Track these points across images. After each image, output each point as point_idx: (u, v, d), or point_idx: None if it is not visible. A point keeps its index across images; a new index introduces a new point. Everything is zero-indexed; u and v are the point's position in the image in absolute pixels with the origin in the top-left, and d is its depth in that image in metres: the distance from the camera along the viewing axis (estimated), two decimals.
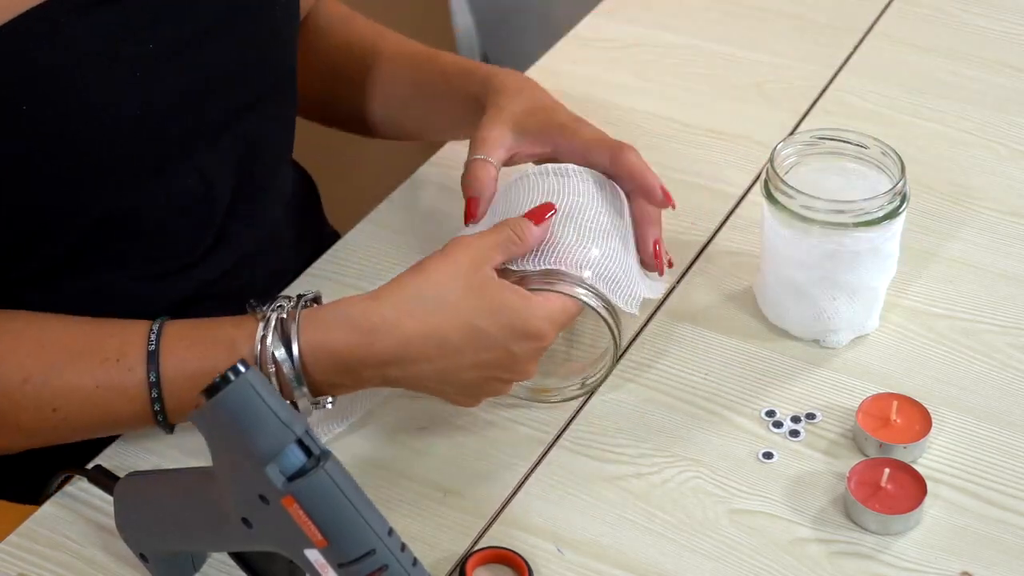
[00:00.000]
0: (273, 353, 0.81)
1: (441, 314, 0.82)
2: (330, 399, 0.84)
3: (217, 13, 0.91)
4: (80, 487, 0.87)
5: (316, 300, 0.86)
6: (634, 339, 0.97)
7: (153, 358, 0.83)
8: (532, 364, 0.85)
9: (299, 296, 0.85)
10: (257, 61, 0.95)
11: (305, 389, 0.82)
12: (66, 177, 0.85)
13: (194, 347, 0.83)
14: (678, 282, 1.02)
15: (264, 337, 0.82)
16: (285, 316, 0.83)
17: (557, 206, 0.88)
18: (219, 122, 0.92)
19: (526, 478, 0.88)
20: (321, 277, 1.04)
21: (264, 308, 0.84)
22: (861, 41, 1.29)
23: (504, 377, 0.85)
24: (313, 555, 0.67)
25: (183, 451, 0.89)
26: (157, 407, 0.83)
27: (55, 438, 0.86)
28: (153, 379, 0.83)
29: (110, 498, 0.86)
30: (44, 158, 0.85)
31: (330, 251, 1.06)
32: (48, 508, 0.86)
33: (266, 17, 0.95)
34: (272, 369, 0.82)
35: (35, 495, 0.89)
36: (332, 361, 0.82)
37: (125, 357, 0.83)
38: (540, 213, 0.87)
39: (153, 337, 0.84)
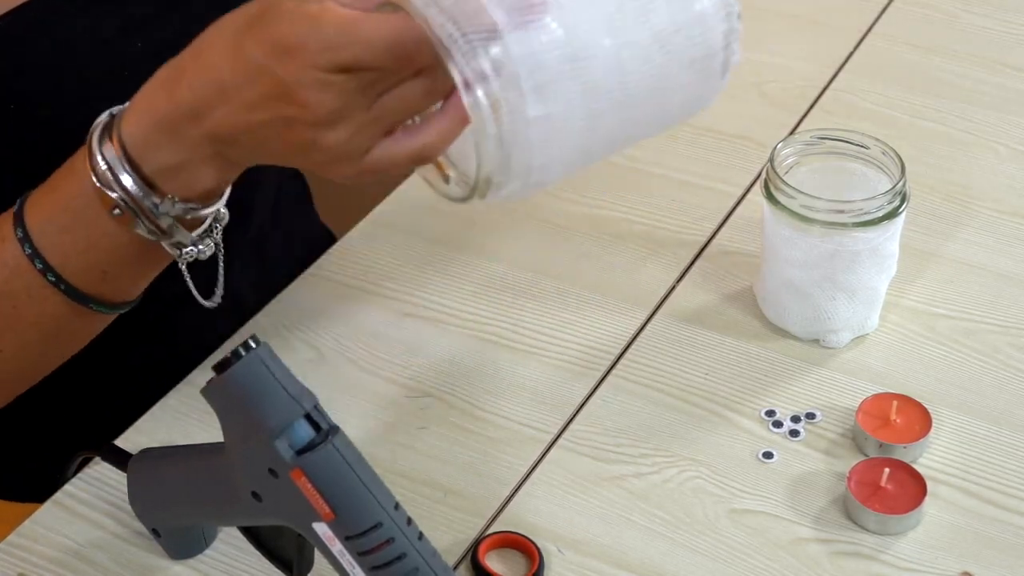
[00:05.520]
0: (101, 150, 0.73)
1: (218, 41, 0.70)
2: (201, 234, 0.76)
3: (211, 18, 0.91)
4: (79, 487, 0.87)
5: None
6: (634, 339, 0.97)
7: (18, 217, 0.77)
8: (311, 92, 0.67)
9: None
10: None
11: (131, 176, 0.73)
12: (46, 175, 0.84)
13: (47, 189, 0.77)
14: (678, 282, 1.02)
15: (91, 138, 0.74)
16: (116, 113, 0.74)
17: None
18: None
19: (526, 478, 0.88)
20: (321, 278, 1.04)
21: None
22: (861, 41, 1.29)
23: (293, 116, 0.68)
24: (321, 528, 0.68)
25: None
26: (39, 264, 0.76)
27: None
28: (20, 235, 0.76)
29: (110, 498, 0.86)
30: (28, 156, 0.84)
31: (329, 251, 1.06)
32: (48, 508, 0.86)
33: None
34: (103, 167, 0.73)
35: (35, 494, 0.89)
36: (150, 126, 0.72)
37: None
38: None
39: (19, 201, 0.78)
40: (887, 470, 0.84)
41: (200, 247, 0.77)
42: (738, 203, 1.10)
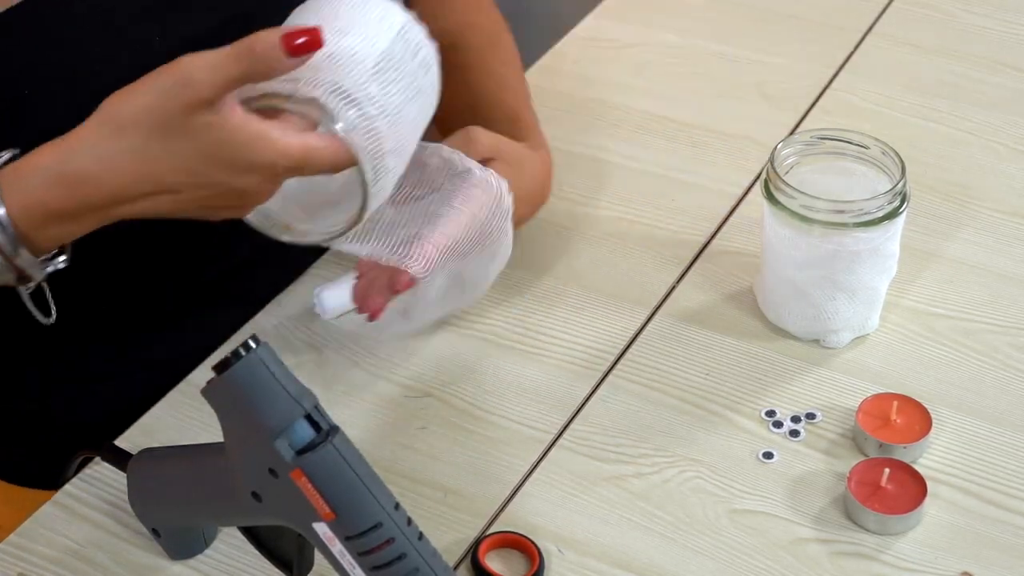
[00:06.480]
0: None
1: (153, 159, 0.74)
2: (62, 257, 0.79)
3: (228, 9, 0.91)
4: (79, 487, 0.87)
5: (15, 158, 0.78)
6: (634, 339, 0.97)
7: None
8: (266, 189, 0.77)
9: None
10: None
11: (24, 251, 0.75)
12: None
13: None
14: (678, 282, 1.02)
15: None
16: None
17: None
18: None
19: (526, 478, 0.88)
20: (321, 278, 1.03)
21: None
22: (861, 41, 1.29)
23: (237, 204, 0.78)
24: (321, 528, 0.69)
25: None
26: None
27: None
28: None
29: (110, 498, 0.86)
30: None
31: (329, 251, 1.06)
32: (48, 508, 0.86)
33: None
34: None
35: (46, 480, 0.89)
36: (47, 216, 0.75)
37: None
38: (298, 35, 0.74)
39: None
40: (887, 470, 0.84)
41: (48, 270, 0.79)
42: (738, 203, 1.10)
